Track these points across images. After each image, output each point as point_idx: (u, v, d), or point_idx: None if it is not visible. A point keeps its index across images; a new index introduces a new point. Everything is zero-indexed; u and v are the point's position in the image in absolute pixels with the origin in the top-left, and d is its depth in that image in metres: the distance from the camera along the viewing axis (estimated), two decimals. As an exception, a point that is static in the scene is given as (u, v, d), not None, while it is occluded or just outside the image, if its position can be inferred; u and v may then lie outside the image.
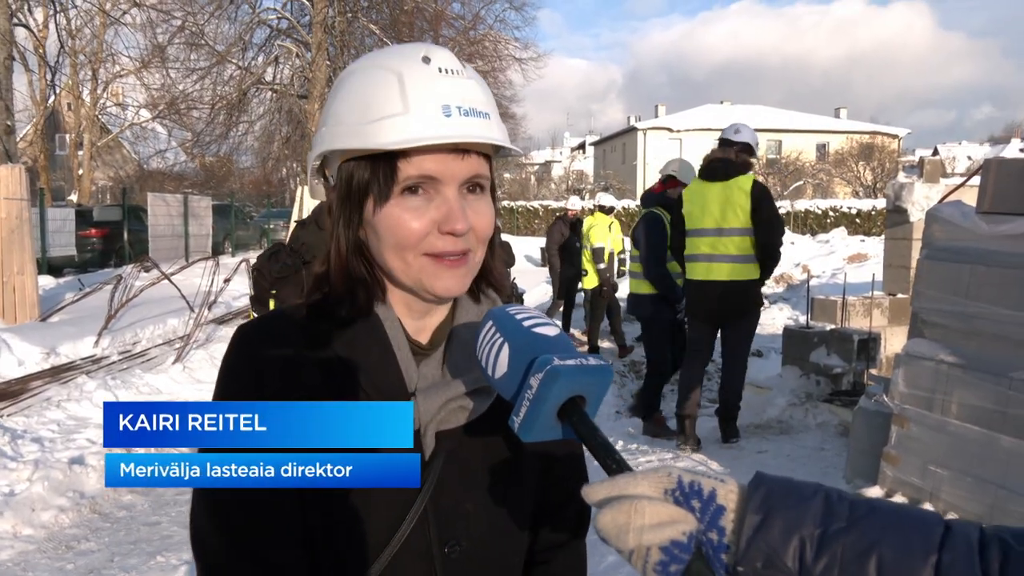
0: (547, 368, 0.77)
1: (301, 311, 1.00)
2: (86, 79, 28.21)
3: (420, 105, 0.92)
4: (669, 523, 0.67)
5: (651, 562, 0.67)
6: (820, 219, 33.87)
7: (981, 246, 3.83)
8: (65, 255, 17.07)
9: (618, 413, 7.37)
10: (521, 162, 44.75)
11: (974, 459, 3.74)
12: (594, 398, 0.80)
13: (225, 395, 0.95)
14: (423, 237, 0.94)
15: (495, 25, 23.64)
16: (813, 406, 6.68)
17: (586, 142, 71.29)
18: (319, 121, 1.02)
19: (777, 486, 0.69)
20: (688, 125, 51.03)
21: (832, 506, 0.67)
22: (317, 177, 1.05)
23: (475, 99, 0.95)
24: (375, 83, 0.94)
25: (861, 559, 0.64)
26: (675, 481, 0.70)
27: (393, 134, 0.91)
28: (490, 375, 0.85)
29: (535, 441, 0.80)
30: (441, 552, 0.97)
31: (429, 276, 0.95)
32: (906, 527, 0.65)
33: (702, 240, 5.78)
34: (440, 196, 0.94)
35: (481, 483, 1.01)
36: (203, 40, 19.73)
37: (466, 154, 0.94)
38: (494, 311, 0.89)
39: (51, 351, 7.74)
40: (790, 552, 0.66)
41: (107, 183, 37.24)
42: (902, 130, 53.63)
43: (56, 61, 18.13)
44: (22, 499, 4.67)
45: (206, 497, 0.93)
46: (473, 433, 0.99)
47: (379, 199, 0.94)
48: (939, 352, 3.93)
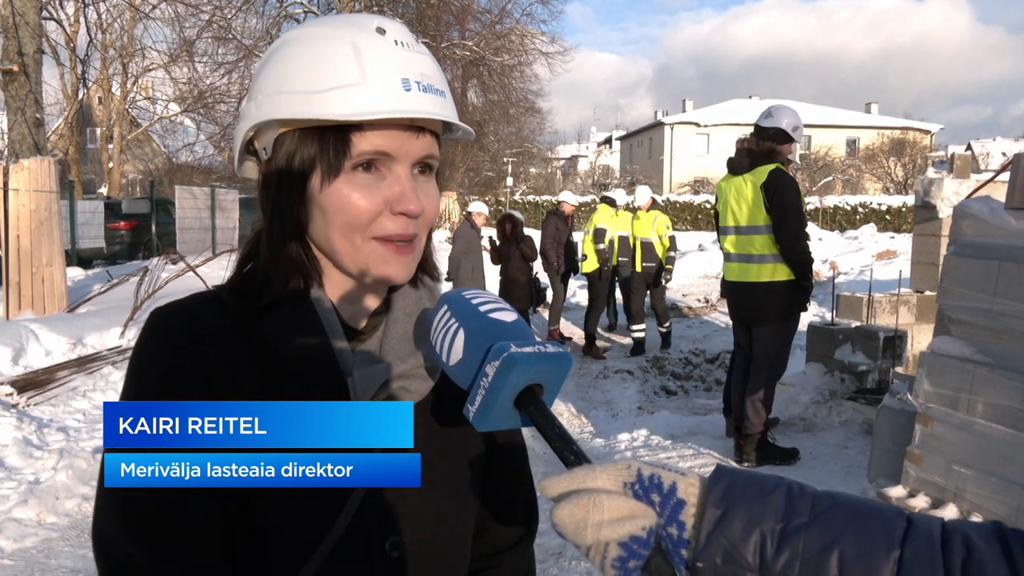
0: (503, 356, 0.74)
1: (223, 292, 0.94)
2: (116, 73, 28.58)
3: (378, 76, 0.85)
4: (628, 518, 0.66)
5: (609, 558, 0.66)
6: (849, 215, 33.57)
7: (1010, 242, 3.74)
8: (94, 247, 17.32)
9: (640, 409, 7.35)
10: (547, 156, 44.60)
11: (999, 459, 3.67)
12: (552, 386, 0.77)
13: (140, 387, 0.87)
14: (374, 218, 0.88)
15: (522, 19, 23.61)
16: (837, 404, 6.61)
17: (612, 137, 70.98)
18: (249, 90, 0.94)
19: (738, 479, 0.68)
20: (715, 120, 50.69)
21: (794, 500, 0.66)
22: (245, 153, 0.96)
23: (432, 75, 0.90)
24: (325, 51, 0.87)
25: (822, 554, 0.63)
26: (635, 474, 0.68)
27: (348, 105, 0.84)
28: (444, 361, 0.82)
29: (490, 430, 0.77)
30: (381, 551, 0.90)
31: (377, 261, 0.90)
32: (868, 522, 0.64)
33: (726, 239, 5.56)
34: (392, 175, 0.89)
35: (426, 475, 0.89)
36: (231, 34, 19.88)
37: (421, 132, 0.89)
38: (449, 295, 0.84)
39: (78, 341, 7.84)
40: (750, 547, 0.64)
41: (137, 176, 37.74)
42: (934, 126, 52.87)
43: (86, 55, 18.33)
44: (47, 487, 4.74)
45: (117, 499, 0.84)
46: (417, 421, 0.93)
47: (327, 175, 0.87)
48: (965, 350, 3.85)
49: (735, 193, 5.44)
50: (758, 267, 5.34)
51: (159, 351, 0.88)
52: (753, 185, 5.28)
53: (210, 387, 0.86)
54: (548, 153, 41.24)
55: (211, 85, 21.32)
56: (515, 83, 24.01)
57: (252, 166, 0.97)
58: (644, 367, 9.12)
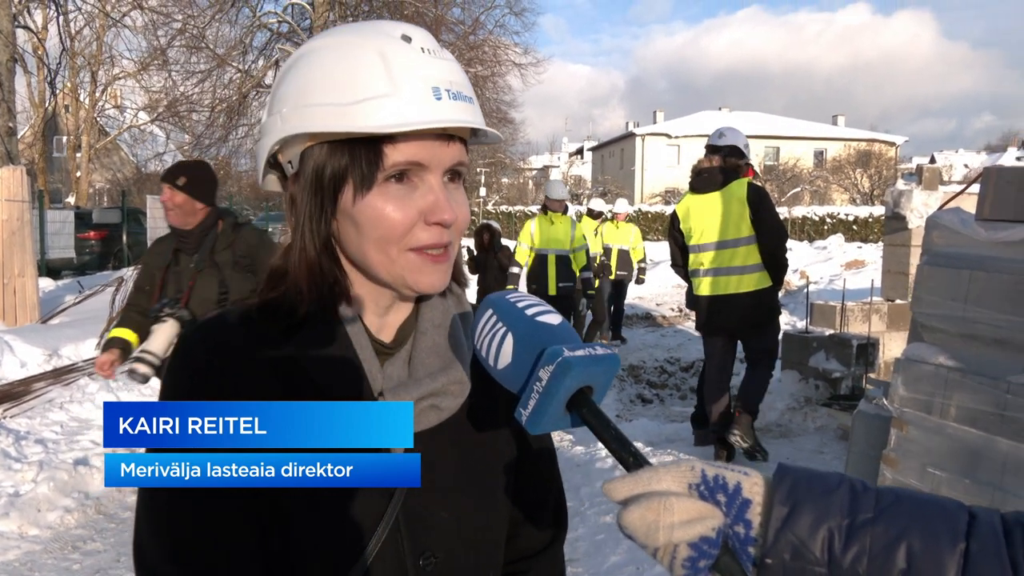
0: (559, 360, 0.74)
1: (250, 311, 0.92)
2: (84, 81, 28.24)
3: (409, 86, 0.84)
4: (698, 519, 0.67)
5: (679, 558, 0.67)
6: (817, 225, 34.00)
7: (980, 252, 3.87)
8: (64, 257, 17.10)
9: (618, 416, 7.42)
10: (519, 167, 44.75)
11: (972, 461, 3.78)
12: (601, 387, 0.78)
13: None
14: (409, 229, 0.87)
15: (495, 30, 23.70)
16: (812, 410, 6.73)
17: (584, 147, 71.36)
18: (270, 103, 0.92)
19: (802, 477, 0.69)
20: (686, 131, 51.17)
21: (858, 496, 0.68)
22: (269, 167, 0.94)
23: (460, 82, 0.88)
24: (352, 61, 0.85)
25: (890, 548, 0.64)
26: (699, 475, 0.69)
27: (381, 117, 0.83)
28: (492, 366, 0.81)
29: (542, 432, 0.77)
30: (416, 564, 0.90)
31: (414, 272, 0.89)
32: (932, 516, 0.66)
33: (704, 255, 5.51)
34: (425, 184, 0.87)
35: (455, 489, 0.94)
36: (203, 43, 19.74)
37: (451, 140, 0.88)
38: (492, 298, 0.83)
39: (53, 353, 7.76)
40: (818, 543, 0.66)
41: (105, 186, 37.22)
42: (899, 138, 53.84)
43: (58, 63, 18.13)
44: (27, 500, 4.69)
45: (157, 518, 0.86)
46: (445, 436, 0.92)
47: (359, 188, 0.86)
48: (938, 356, 3.97)
49: (708, 210, 5.45)
50: (738, 278, 5.38)
51: (190, 370, 0.89)
52: (737, 199, 5.32)
53: None
54: (520, 163, 41.33)
55: (183, 94, 21.13)
56: (488, 94, 24.05)
57: (275, 179, 0.96)
58: (620, 375, 9.21)
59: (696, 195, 5.56)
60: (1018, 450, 3.57)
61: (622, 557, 3.73)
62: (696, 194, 5.56)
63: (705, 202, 5.47)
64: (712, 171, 5.47)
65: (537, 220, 8.42)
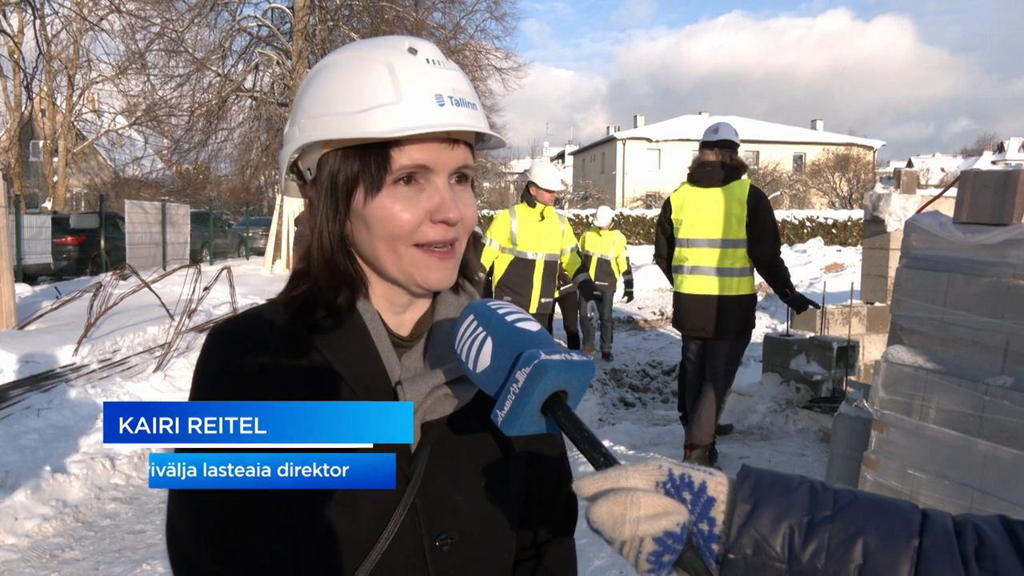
0: (535, 363, 0.77)
1: (277, 309, 0.98)
2: (61, 85, 27.96)
3: (413, 94, 0.90)
4: (664, 514, 0.69)
5: (644, 552, 0.69)
6: (797, 229, 34.24)
7: (958, 255, 3.91)
8: (41, 263, 16.87)
9: (601, 421, 7.43)
10: (500, 171, 44.78)
11: (951, 462, 3.82)
12: (575, 393, 0.80)
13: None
14: (416, 228, 0.93)
15: (476, 35, 23.74)
16: (793, 412, 6.77)
17: (565, 151, 71.49)
18: (291, 115, 0.99)
19: (764, 477, 0.72)
20: (666, 135, 51.42)
21: (817, 496, 0.71)
22: (290, 174, 1.02)
23: (464, 89, 0.95)
24: (362, 73, 0.92)
25: (847, 544, 0.67)
26: (666, 473, 0.72)
27: (388, 123, 0.90)
28: (470, 369, 0.85)
29: (518, 435, 0.80)
30: (432, 545, 0.96)
31: (420, 268, 0.95)
32: (888, 515, 0.69)
33: (690, 251, 5.39)
34: (431, 186, 0.94)
35: (469, 474, 1.00)
36: (182, 47, 19.61)
37: (456, 144, 0.94)
38: (474, 305, 0.89)
39: (30, 359, 7.65)
40: (779, 539, 0.69)
41: (82, 190, 36.87)
42: (877, 142, 54.33)
43: (34, 68, 17.94)
44: (5, 508, 4.63)
45: (188, 506, 0.90)
46: (459, 424, 0.98)
47: (370, 190, 0.93)
48: (918, 358, 4.01)
49: (704, 205, 5.30)
50: (727, 280, 5.28)
51: (218, 368, 0.94)
52: (737, 200, 5.21)
53: (266, 399, 0.89)
54: (501, 168, 41.33)
55: (162, 98, 20.97)
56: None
57: (295, 186, 1.02)
58: (603, 379, 9.22)
59: (695, 187, 5.41)
60: (996, 451, 3.61)
61: (605, 561, 3.72)
62: (695, 186, 5.41)
63: (703, 196, 5.34)
64: (715, 165, 5.32)
65: (519, 213, 6.37)
